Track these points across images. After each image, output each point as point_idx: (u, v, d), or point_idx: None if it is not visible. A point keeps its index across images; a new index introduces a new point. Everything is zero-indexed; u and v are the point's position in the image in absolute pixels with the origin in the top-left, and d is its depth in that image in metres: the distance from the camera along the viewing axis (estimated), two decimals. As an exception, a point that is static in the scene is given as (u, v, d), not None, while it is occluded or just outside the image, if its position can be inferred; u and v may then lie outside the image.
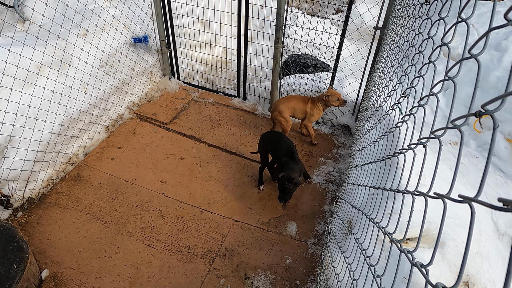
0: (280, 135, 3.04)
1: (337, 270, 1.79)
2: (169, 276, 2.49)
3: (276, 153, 2.97)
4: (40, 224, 2.75)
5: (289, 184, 2.65)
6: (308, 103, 3.43)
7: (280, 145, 2.95)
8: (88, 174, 3.19)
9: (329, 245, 2.17)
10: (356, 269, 1.39)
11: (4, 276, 2.12)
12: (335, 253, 1.89)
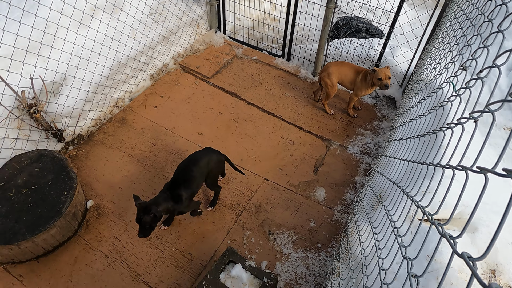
0: (197, 161, 2.41)
1: (362, 238, 1.81)
2: (198, 222, 2.65)
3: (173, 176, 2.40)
4: (88, 159, 3.00)
5: (146, 215, 2.07)
6: (360, 75, 3.19)
7: (182, 170, 2.38)
8: (132, 119, 3.36)
9: (356, 214, 2.18)
10: (382, 239, 1.40)
11: (55, 200, 2.38)
12: (362, 223, 1.90)
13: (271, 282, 2.11)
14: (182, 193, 2.28)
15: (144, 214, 2.07)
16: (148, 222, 2.09)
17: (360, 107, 3.63)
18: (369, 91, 3.20)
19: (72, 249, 2.45)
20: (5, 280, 2.28)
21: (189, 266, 2.41)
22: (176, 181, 2.32)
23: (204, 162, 2.45)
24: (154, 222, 2.12)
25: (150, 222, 2.10)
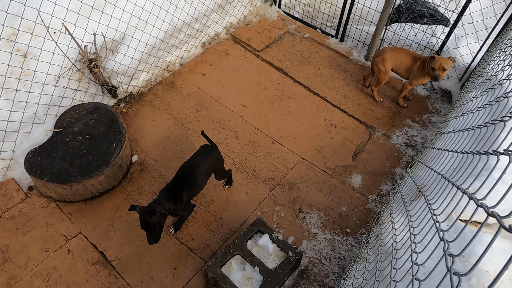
0: (202, 164, 2.32)
1: (396, 231, 1.78)
2: (231, 190, 2.74)
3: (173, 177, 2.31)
4: (136, 117, 3.17)
5: (152, 216, 1.98)
6: (417, 62, 2.99)
7: (185, 172, 2.29)
8: (180, 84, 3.47)
9: (392, 205, 2.13)
10: (419, 233, 1.37)
11: (105, 150, 2.56)
12: (397, 214, 1.86)
13: (295, 256, 2.16)
14: (183, 195, 2.19)
15: (150, 216, 1.97)
16: (157, 222, 1.98)
17: (411, 97, 3.45)
18: (425, 80, 3.02)
19: (116, 198, 2.65)
20: (57, 216, 2.54)
21: (219, 229, 2.53)
22: (179, 182, 2.23)
23: (209, 163, 2.36)
24: (162, 221, 2.03)
25: (158, 222, 1.99)
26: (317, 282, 2.30)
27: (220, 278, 2.05)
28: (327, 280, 2.31)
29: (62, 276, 2.27)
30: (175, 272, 2.32)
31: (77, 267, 2.31)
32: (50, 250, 2.38)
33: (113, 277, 2.28)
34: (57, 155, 2.50)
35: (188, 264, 2.35)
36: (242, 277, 2.10)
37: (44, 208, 2.57)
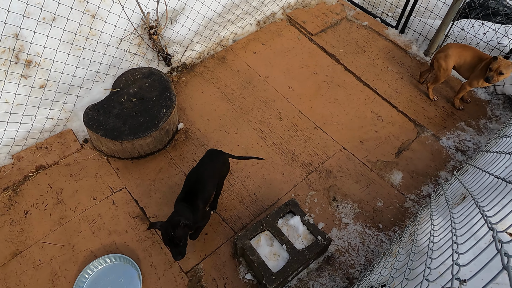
0: (211, 169, 2.25)
1: (435, 233, 1.74)
2: (269, 169, 2.79)
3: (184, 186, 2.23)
4: (186, 87, 3.28)
5: (177, 230, 1.89)
6: (482, 63, 2.79)
7: (195, 180, 2.20)
8: (231, 59, 3.52)
9: (432, 206, 2.07)
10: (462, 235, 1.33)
11: (155, 114, 2.70)
12: (437, 216, 1.81)
13: (324, 242, 2.18)
14: (199, 203, 2.10)
15: (174, 229, 1.88)
16: (182, 235, 1.90)
17: (469, 99, 3.24)
18: (485, 83, 2.82)
19: (159, 160, 2.80)
20: (106, 169, 2.74)
21: (251, 204, 2.60)
22: (191, 191, 2.14)
23: (218, 168, 2.30)
24: (187, 234, 1.94)
25: (183, 235, 1.91)
26: (341, 270, 2.31)
27: (248, 249, 2.13)
28: (352, 270, 2.31)
29: (105, 223, 2.48)
30: (206, 238, 2.44)
31: (119, 218, 2.50)
32: (97, 199, 2.59)
33: (150, 232, 2.45)
34: (112, 113, 2.68)
35: (219, 232, 2.46)
36: (269, 252, 2.17)
37: (95, 160, 2.78)
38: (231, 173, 2.74)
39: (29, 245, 2.37)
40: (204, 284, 2.24)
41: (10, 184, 2.62)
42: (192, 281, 2.26)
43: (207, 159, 2.32)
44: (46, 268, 2.29)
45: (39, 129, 2.78)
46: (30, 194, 2.60)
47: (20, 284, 2.22)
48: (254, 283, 2.25)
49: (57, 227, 2.45)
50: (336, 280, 2.27)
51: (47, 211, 2.52)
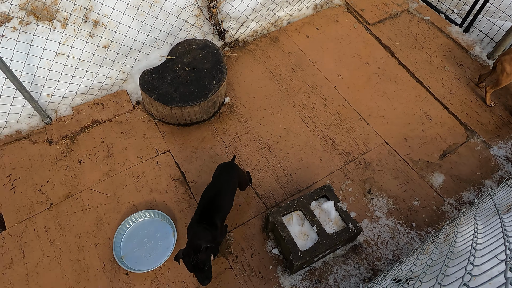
0: (225, 185, 2.14)
1: (478, 240, 1.70)
2: (307, 153, 2.82)
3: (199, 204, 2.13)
4: (236, 63, 3.34)
5: (200, 254, 1.83)
6: None
7: (211, 198, 2.09)
8: (283, 41, 3.52)
9: (476, 211, 2.01)
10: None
11: (206, 85, 2.80)
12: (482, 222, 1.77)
13: (354, 230, 2.20)
14: (216, 222, 2.03)
15: (196, 255, 1.82)
16: (205, 259, 1.84)
17: (530, 111, 3.05)
18: None
19: (203, 130, 2.92)
20: (153, 131, 2.90)
21: (286, 184, 2.66)
22: (207, 211, 2.05)
23: (233, 181, 2.21)
24: (210, 256, 1.88)
25: (207, 259, 1.85)
26: (367, 261, 2.33)
27: (279, 225, 2.20)
28: (378, 263, 2.33)
29: (148, 181, 2.65)
30: (239, 209, 2.54)
31: (161, 178, 2.67)
32: (143, 158, 2.76)
33: (187, 195, 2.59)
34: (166, 79, 2.81)
35: (252, 206, 2.55)
36: (299, 231, 2.23)
37: (145, 122, 2.95)
38: (270, 152, 2.81)
39: (80, 190, 2.60)
40: (233, 251, 2.36)
41: (69, 133, 2.86)
42: (221, 246, 2.38)
43: (220, 175, 2.22)
44: (93, 213, 2.50)
45: (98, 86, 2.98)
46: (85, 145, 2.82)
47: (70, 223, 2.46)
48: (279, 258, 2.33)
49: (106, 178, 2.66)
50: (361, 269, 2.30)
51: (98, 162, 2.73)
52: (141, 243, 2.37)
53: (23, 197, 2.55)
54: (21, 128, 2.84)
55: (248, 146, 2.83)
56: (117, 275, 2.26)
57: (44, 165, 2.70)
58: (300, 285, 2.23)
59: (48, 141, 2.82)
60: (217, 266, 2.30)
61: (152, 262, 2.29)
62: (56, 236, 2.40)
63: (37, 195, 2.57)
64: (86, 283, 2.23)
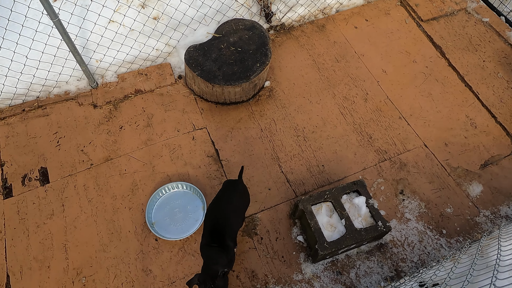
0: (232, 203, 2.03)
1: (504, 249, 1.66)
2: (342, 146, 2.79)
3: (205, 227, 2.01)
4: (280, 48, 3.32)
5: (217, 280, 1.76)
6: None
7: (213, 214, 2.00)
8: (330, 29, 3.45)
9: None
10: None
11: (249, 67, 2.80)
12: None
13: (383, 228, 2.18)
14: (227, 242, 1.91)
15: (213, 281, 1.74)
16: (223, 285, 1.79)
17: None
18: None
19: (241, 111, 2.94)
20: (192, 107, 2.96)
21: (318, 175, 2.66)
22: (216, 232, 1.93)
23: (239, 199, 2.11)
24: (227, 281, 1.84)
25: (224, 284, 1.80)
26: (391, 260, 2.32)
27: (308, 213, 2.22)
28: (402, 264, 2.31)
29: (183, 154, 2.72)
30: (268, 193, 2.57)
31: (196, 153, 2.73)
32: (180, 131, 2.83)
33: (219, 173, 2.65)
34: (211, 57, 2.83)
35: (281, 191, 2.58)
36: (326, 222, 2.24)
37: (185, 97, 3.01)
38: (305, 140, 2.80)
39: (119, 155, 2.71)
40: (258, 232, 2.41)
41: (112, 99, 2.97)
42: (248, 226, 2.43)
43: (226, 191, 2.10)
44: (129, 178, 2.61)
45: (144, 57, 3.05)
46: (127, 112, 2.92)
47: (107, 185, 2.58)
48: (303, 246, 2.36)
49: (143, 147, 2.75)
50: (384, 268, 2.29)
51: (137, 131, 2.83)
52: (172, 212, 2.46)
53: (66, 155, 2.70)
54: (69, 89, 2.97)
55: (284, 132, 2.84)
56: (147, 239, 2.37)
57: (88, 127, 2.83)
58: (321, 274, 2.26)
59: (93, 104, 2.94)
60: (242, 244, 2.36)
61: (180, 232, 2.38)
62: (94, 196, 2.53)
63: (79, 154, 2.70)
64: (118, 243, 2.36)
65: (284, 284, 2.23)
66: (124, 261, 2.30)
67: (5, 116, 2.84)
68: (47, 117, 2.86)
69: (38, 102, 2.92)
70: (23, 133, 2.78)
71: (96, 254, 2.32)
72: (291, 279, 2.24)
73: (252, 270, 2.27)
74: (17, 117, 2.85)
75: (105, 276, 2.25)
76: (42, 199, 2.51)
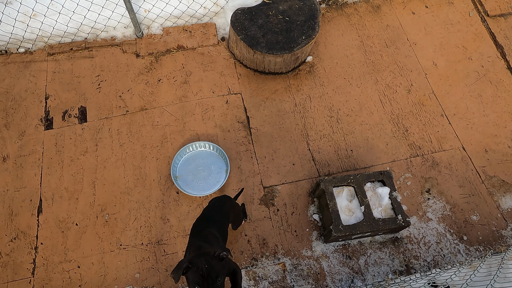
0: (215, 216, 1.81)
1: None
2: (375, 134, 2.71)
3: None
4: (328, 24, 3.19)
5: (212, 260, 1.42)
6: None
7: (197, 228, 1.75)
8: (385, 11, 3.26)
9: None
10: None
11: (294, 39, 2.72)
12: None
13: (402, 223, 2.15)
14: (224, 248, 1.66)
15: (209, 262, 1.41)
16: (219, 269, 1.42)
17: None
18: None
19: (278, 82, 2.90)
20: (230, 70, 2.94)
21: (345, 159, 2.62)
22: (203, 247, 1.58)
23: (224, 216, 1.89)
24: (225, 269, 1.49)
25: (221, 269, 1.44)
26: (404, 255, 2.29)
27: (328, 194, 2.21)
28: (415, 261, 2.28)
29: (215, 116, 2.76)
30: (292, 167, 2.57)
31: (227, 117, 2.75)
32: (215, 93, 2.85)
33: (247, 140, 2.67)
34: (257, 22, 2.78)
35: (305, 168, 2.57)
36: (345, 206, 2.23)
37: (225, 59, 3.00)
38: (338, 123, 2.75)
39: (154, 107, 2.78)
40: (275, 204, 2.44)
41: (155, 51, 3.01)
42: (266, 196, 2.47)
43: (210, 208, 1.94)
44: (160, 130, 2.69)
45: (191, 13, 3.04)
46: (166, 66, 2.96)
47: (139, 133, 2.68)
48: (318, 224, 2.37)
49: (178, 102, 2.81)
50: (394, 261, 2.27)
51: (174, 86, 2.88)
52: (196, 170, 2.53)
53: (105, 98, 2.80)
54: (116, 35, 3.03)
55: (317, 111, 2.79)
56: (169, 191, 2.47)
57: (128, 74, 2.91)
58: (330, 255, 2.28)
59: (136, 53, 2.99)
60: (258, 212, 2.41)
61: (201, 190, 2.45)
62: (126, 141, 2.64)
63: (117, 100, 2.80)
64: (141, 189, 2.48)
65: (292, 257, 2.27)
66: (145, 206, 2.42)
67: (54, 52, 2.97)
68: (91, 59, 2.96)
69: (86, 43, 3.01)
70: (69, 71, 2.90)
71: (121, 195, 2.45)
72: (300, 254, 2.28)
73: (264, 238, 2.33)
74: (65, 55, 2.97)
75: (126, 217, 2.39)
76: (78, 136, 2.65)
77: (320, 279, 2.21)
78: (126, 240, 2.32)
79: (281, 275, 2.21)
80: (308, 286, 2.19)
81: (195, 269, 1.38)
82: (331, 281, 2.21)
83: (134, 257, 2.27)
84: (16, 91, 2.82)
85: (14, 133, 2.66)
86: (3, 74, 2.89)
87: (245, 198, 2.45)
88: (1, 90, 2.82)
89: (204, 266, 1.38)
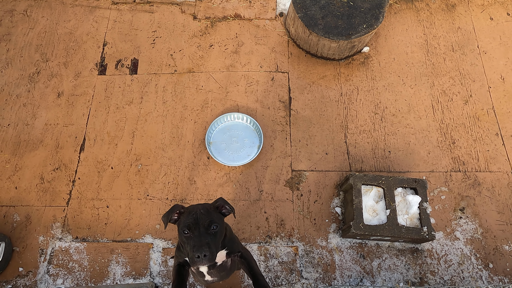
0: None
1: None
2: (418, 139, 2.58)
3: None
4: (394, 16, 3.01)
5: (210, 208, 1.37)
6: None
7: None
8: (460, 12, 3.00)
9: None
10: None
11: (354, 25, 2.61)
12: None
13: (426, 235, 2.07)
14: None
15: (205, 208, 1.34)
16: (215, 216, 1.33)
17: None
18: None
19: (328, 68, 2.82)
20: (282, 47, 2.89)
21: (380, 158, 2.53)
22: None
23: None
24: (221, 219, 1.38)
25: (217, 217, 1.34)
26: (421, 268, 2.22)
27: (355, 190, 2.17)
28: (431, 276, 2.21)
29: (258, 91, 2.75)
30: (324, 156, 2.54)
31: (270, 94, 2.74)
32: (262, 68, 2.83)
33: (285, 121, 2.65)
34: (319, 3, 2.68)
35: (337, 160, 2.53)
36: (370, 206, 2.18)
37: (279, 36, 2.95)
38: (381, 120, 2.64)
39: (201, 71, 2.83)
40: (300, 189, 2.44)
41: (212, 16, 3.02)
42: (293, 179, 2.47)
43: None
44: (202, 95, 2.74)
45: (254, -17, 2.99)
46: (220, 33, 2.97)
47: (182, 94, 2.75)
48: (338, 218, 2.35)
49: (225, 71, 2.83)
50: (409, 271, 2.22)
51: (224, 54, 2.89)
52: (230, 140, 2.57)
53: (157, 54, 2.88)
54: (177, -6, 3.07)
55: (363, 104, 2.70)
56: (201, 154, 2.54)
57: (183, 35, 2.96)
58: (345, 250, 2.26)
59: (193, 15, 3.02)
60: (281, 193, 2.42)
61: (231, 160, 2.50)
62: (169, 99, 2.73)
63: (168, 58, 2.87)
64: (175, 147, 2.57)
65: (306, 243, 2.29)
66: (176, 165, 2.52)
67: (119, 1, 3.07)
68: (151, 14, 3.03)
69: (148, -3, 3.08)
70: (128, 22, 3.00)
71: (156, 149, 2.57)
72: (315, 242, 2.29)
73: (282, 219, 2.35)
74: (128, 5, 3.06)
75: (157, 170, 2.50)
76: (127, 86, 2.77)
77: (329, 271, 2.22)
78: (153, 192, 2.44)
79: (292, 258, 2.24)
80: (316, 274, 2.21)
81: (189, 213, 1.30)
82: (340, 275, 2.21)
83: (158, 209, 2.40)
84: (78, 33, 2.98)
85: (71, 73, 2.83)
86: (69, 15, 3.05)
87: (271, 177, 2.47)
88: (66, 30, 2.99)
89: (199, 211, 1.31)
